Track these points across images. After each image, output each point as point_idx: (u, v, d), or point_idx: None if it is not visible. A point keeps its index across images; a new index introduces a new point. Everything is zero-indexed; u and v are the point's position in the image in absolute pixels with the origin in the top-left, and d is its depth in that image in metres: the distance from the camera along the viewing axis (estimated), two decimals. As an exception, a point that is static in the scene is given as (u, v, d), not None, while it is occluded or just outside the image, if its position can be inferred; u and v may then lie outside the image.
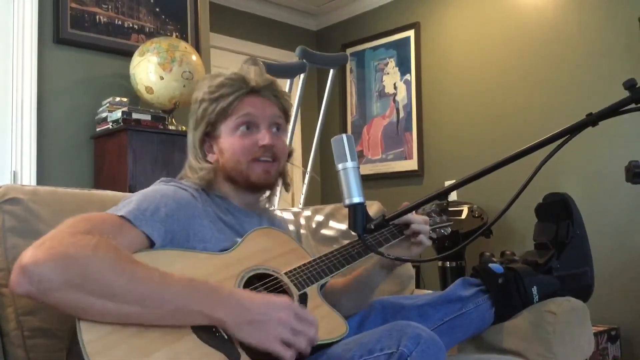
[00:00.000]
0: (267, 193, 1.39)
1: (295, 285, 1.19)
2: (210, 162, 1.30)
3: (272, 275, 1.19)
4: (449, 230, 1.59)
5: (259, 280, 1.17)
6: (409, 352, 0.98)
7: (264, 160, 1.28)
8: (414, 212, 1.44)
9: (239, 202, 1.32)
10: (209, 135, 1.30)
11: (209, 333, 0.98)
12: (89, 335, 0.89)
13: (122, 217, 1.07)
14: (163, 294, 0.95)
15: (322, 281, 1.25)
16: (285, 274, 1.20)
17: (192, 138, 1.32)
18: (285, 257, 1.25)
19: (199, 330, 0.98)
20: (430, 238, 1.46)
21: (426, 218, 1.46)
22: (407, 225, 1.42)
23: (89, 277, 0.91)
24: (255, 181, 1.28)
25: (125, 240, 1.03)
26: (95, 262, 0.92)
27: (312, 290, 1.21)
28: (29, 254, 0.91)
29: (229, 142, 1.28)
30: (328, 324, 1.15)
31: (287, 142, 1.42)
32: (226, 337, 0.99)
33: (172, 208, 1.13)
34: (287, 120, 1.37)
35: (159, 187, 1.21)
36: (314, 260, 1.28)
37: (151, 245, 1.08)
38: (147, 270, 0.97)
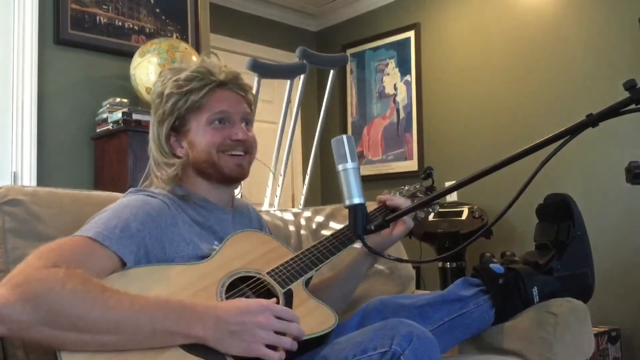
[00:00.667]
0: (239, 188, 1.39)
1: (278, 283, 1.18)
2: (179, 157, 1.28)
3: (254, 277, 1.18)
4: (437, 207, 1.59)
5: (241, 284, 1.16)
6: (402, 351, 0.97)
7: (237, 154, 1.28)
8: (398, 196, 1.44)
9: (214, 198, 1.31)
10: (177, 130, 1.29)
11: (193, 343, 0.97)
12: None
13: (90, 238, 1.05)
14: (137, 319, 0.94)
15: (306, 276, 1.24)
16: (268, 273, 1.19)
17: (157, 133, 1.29)
18: (266, 257, 1.24)
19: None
20: (417, 218, 1.46)
21: (408, 201, 1.46)
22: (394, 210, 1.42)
23: (60, 313, 0.90)
24: (228, 174, 1.28)
25: (96, 263, 1.03)
26: (64, 297, 0.91)
27: (296, 287, 1.20)
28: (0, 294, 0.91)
29: (201, 136, 1.26)
30: (316, 317, 1.14)
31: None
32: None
33: (142, 221, 1.12)
34: (253, 113, 1.38)
35: (128, 200, 1.19)
36: (296, 256, 1.27)
37: (123, 264, 1.07)
38: (118, 297, 0.95)
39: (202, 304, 1.01)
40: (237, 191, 1.61)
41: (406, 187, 1.61)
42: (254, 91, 1.53)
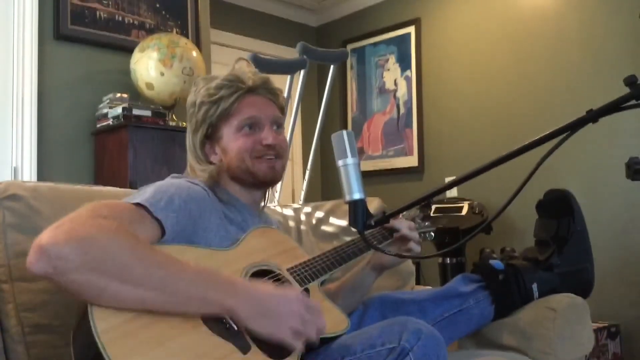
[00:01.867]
0: (270, 194, 1.42)
1: (297, 281, 1.22)
2: (213, 163, 1.31)
3: (274, 272, 1.20)
4: (433, 235, 1.62)
5: (262, 276, 1.18)
6: (410, 347, 1.00)
7: (269, 158, 1.30)
8: (400, 218, 1.47)
9: (244, 199, 1.34)
10: (210, 137, 1.32)
11: (220, 325, 0.99)
12: (103, 325, 0.89)
13: (137, 204, 1.08)
14: (179, 280, 0.95)
15: (322, 278, 1.28)
16: (287, 270, 1.22)
17: (192, 141, 1.33)
18: (285, 255, 1.27)
19: (210, 322, 0.99)
20: (426, 238, 1.50)
21: (412, 224, 1.49)
22: (396, 230, 1.47)
23: (108, 259, 0.91)
24: (262, 178, 1.30)
25: (141, 228, 1.04)
26: (115, 246, 0.93)
27: (313, 287, 1.24)
28: (48, 234, 0.90)
29: (233, 142, 1.29)
30: (331, 319, 1.17)
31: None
32: (236, 328, 1.00)
33: (185, 200, 1.14)
34: (284, 116, 1.40)
35: (173, 181, 1.22)
36: (314, 258, 1.31)
37: (162, 234, 1.09)
38: (165, 257, 0.98)
39: (241, 281, 1.05)
40: (277, 192, 1.64)
41: (405, 213, 1.63)
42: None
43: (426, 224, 1.63)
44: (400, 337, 1.00)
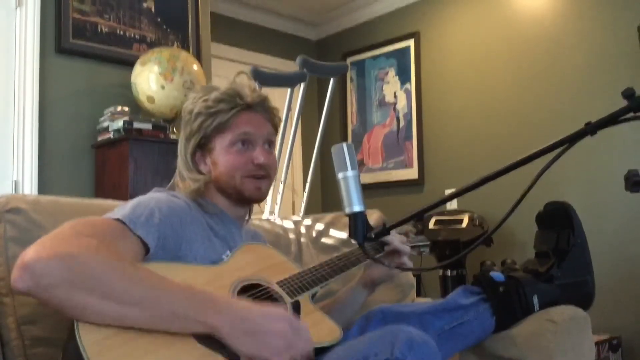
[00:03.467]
0: (254, 209, 1.43)
1: (287, 293, 1.21)
2: (202, 173, 1.31)
3: (263, 286, 1.20)
4: (428, 250, 1.62)
5: (251, 291, 1.17)
6: (403, 358, 0.98)
7: (257, 178, 1.30)
8: (393, 233, 1.47)
9: (229, 212, 1.34)
10: (202, 147, 1.32)
11: (208, 335, 0.98)
12: (88, 338, 0.89)
13: (117, 220, 1.08)
14: (160, 298, 0.95)
15: (314, 290, 1.27)
16: (277, 283, 1.22)
17: (184, 148, 1.34)
18: (274, 269, 1.27)
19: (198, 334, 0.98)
20: (420, 253, 1.50)
21: (404, 237, 1.50)
22: (386, 244, 1.47)
23: (91, 276, 0.92)
24: (248, 197, 1.31)
25: (123, 244, 1.04)
26: (96, 263, 0.93)
27: (304, 299, 1.23)
28: (31, 252, 0.91)
29: (224, 156, 1.30)
30: (322, 329, 1.16)
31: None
32: None
33: (165, 214, 1.14)
34: (277, 134, 1.41)
35: (153, 195, 1.22)
36: (304, 271, 1.31)
37: (146, 250, 1.09)
38: (147, 274, 0.98)
39: (225, 298, 1.03)
40: (277, 204, 1.65)
41: (398, 228, 1.63)
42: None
43: (420, 238, 1.62)
44: (392, 348, 0.98)
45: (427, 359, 1.00)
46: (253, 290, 1.17)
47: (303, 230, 1.92)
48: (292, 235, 1.87)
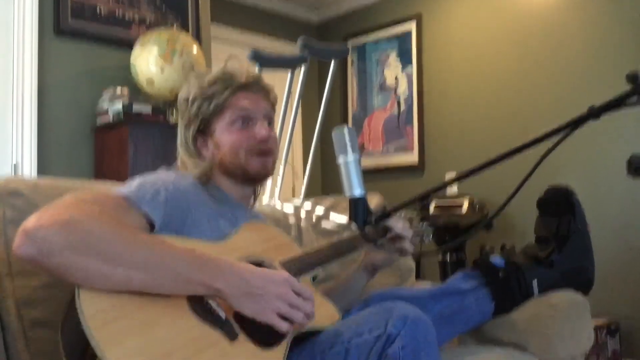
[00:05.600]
0: (262, 190, 1.42)
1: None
2: (205, 158, 1.31)
3: (266, 265, 1.20)
4: (431, 236, 1.61)
5: None
6: (397, 332, 0.99)
7: (262, 154, 1.30)
8: (396, 218, 1.46)
9: (235, 195, 1.34)
10: (203, 132, 1.32)
11: (207, 312, 0.99)
12: (89, 310, 0.89)
13: (123, 196, 1.08)
14: (165, 259, 0.96)
15: (315, 271, 1.27)
16: (280, 263, 1.22)
17: (185, 136, 1.34)
18: (278, 250, 1.27)
19: (198, 309, 0.98)
20: (423, 240, 1.49)
21: (407, 223, 1.49)
22: (389, 229, 1.45)
23: (93, 240, 0.92)
24: (253, 174, 1.31)
25: (127, 217, 1.05)
26: (99, 227, 0.94)
27: (305, 280, 1.24)
28: (33, 219, 0.92)
29: (226, 136, 1.29)
30: (323, 311, 1.17)
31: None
32: (223, 317, 1.00)
33: (171, 192, 1.15)
34: (274, 112, 1.41)
35: (161, 173, 1.23)
36: (307, 252, 1.31)
37: (150, 227, 1.09)
38: (150, 237, 0.99)
39: (228, 261, 1.04)
40: (277, 187, 1.64)
41: (403, 214, 1.61)
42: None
43: (423, 225, 1.62)
44: (386, 324, 1.00)
45: (421, 334, 1.01)
46: None
47: (303, 214, 1.92)
48: (292, 219, 1.87)
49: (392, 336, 0.99)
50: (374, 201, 1.92)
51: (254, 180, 1.34)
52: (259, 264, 1.19)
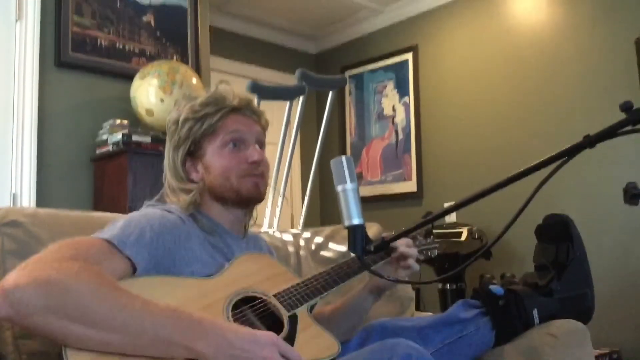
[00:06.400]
0: (254, 215, 1.39)
1: (284, 306, 1.18)
2: (194, 182, 1.29)
3: (260, 298, 1.18)
4: (436, 252, 1.59)
5: (247, 303, 1.15)
6: None
7: (254, 175, 1.28)
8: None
9: (227, 223, 1.31)
10: (192, 154, 1.30)
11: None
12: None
13: (106, 240, 1.06)
14: (144, 322, 0.93)
15: (312, 302, 1.24)
16: (274, 295, 1.19)
17: (173, 158, 1.31)
18: (273, 280, 1.24)
19: None
20: (417, 260, 1.47)
21: (410, 241, 1.47)
22: (393, 248, 1.43)
23: (70, 303, 0.90)
24: (246, 195, 1.28)
25: (109, 265, 1.02)
26: (76, 288, 0.91)
27: (302, 312, 1.20)
28: (11, 278, 0.90)
29: (217, 159, 1.27)
30: (320, 343, 1.14)
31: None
32: None
33: (157, 232, 1.12)
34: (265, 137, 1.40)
35: (146, 211, 1.20)
36: (303, 281, 1.28)
37: (134, 270, 1.07)
38: (129, 298, 0.95)
39: (210, 321, 0.99)
40: (276, 217, 1.61)
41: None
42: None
43: (428, 241, 1.60)
44: None
45: None
46: (249, 304, 1.15)
47: (302, 243, 1.91)
48: (291, 248, 1.87)
49: None
50: (373, 230, 1.91)
51: (246, 202, 1.30)
52: (252, 298, 1.17)
